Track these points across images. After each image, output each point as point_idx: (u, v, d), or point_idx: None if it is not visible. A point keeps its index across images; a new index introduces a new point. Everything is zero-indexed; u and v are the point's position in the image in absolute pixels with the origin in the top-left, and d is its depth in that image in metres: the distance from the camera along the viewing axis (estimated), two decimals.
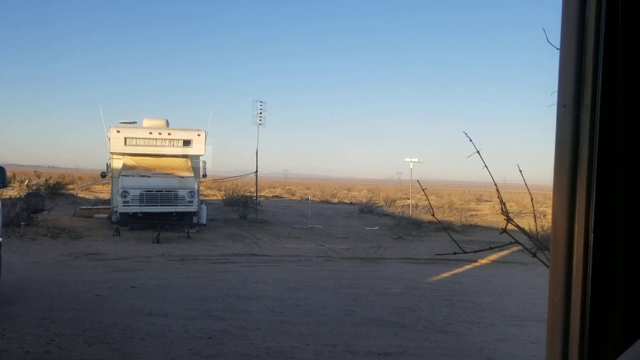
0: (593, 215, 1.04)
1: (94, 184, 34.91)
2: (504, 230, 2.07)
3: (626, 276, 1.01)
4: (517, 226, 2.10)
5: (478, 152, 2.26)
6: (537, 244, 2.00)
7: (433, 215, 2.99)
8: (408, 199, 29.15)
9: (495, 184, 2.34)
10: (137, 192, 18.46)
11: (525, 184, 2.31)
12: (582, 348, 1.05)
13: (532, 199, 2.45)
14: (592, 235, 1.04)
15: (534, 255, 2.04)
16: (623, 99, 1.02)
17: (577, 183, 1.06)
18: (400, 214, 26.00)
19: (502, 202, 2.22)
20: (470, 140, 2.30)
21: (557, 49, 1.13)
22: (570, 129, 1.08)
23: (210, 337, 7.07)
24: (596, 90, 1.04)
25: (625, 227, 1.01)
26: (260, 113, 27.15)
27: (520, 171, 2.31)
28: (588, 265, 1.04)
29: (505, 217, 2.10)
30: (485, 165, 2.28)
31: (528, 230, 2.08)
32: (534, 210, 2.49)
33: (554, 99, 1.12)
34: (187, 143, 20.12)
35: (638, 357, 0.88)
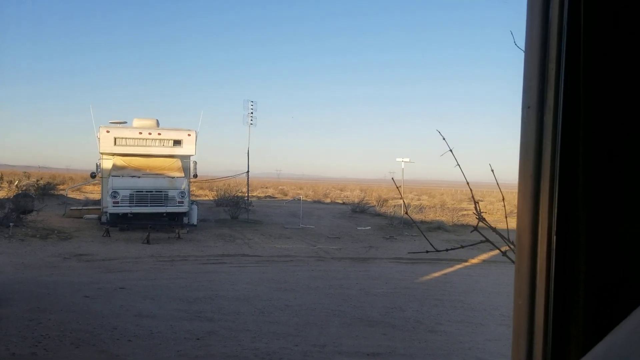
0: (556, 217, 1.04)
1: (85, 184, 34.71)
2: (475, 229, 2.09)
3: (588, 278, 1.01)
4: (489, 225, 2.10)
5: (451, 150, 2.28)
6: (508, 243, 2.02)
7: (407, 213, 3.00)
8: (400, 199, 29.21)
9: (468, 183, 2.36)
10: (127, 193, 18.38)
11: (497, 183, 2.33)
12: (546, 349, 1.05)
13: (503, 198, 2.47)
14: (555, 237, 1.03)
15: (504, 254, 2.06)
16: (585, 101, 1.02)
17: (541, 185, 1.06)
18: (392, 213, 26.03)
19: (475, 202, 2.23)
20: (444, 138, 2.31)
21: (523, 50, 1.13)
22: (534, 130, 1.08)
23: (198, 339, 7.04)
24: (559, 92, 1.04)
25: (587, 228, 1.01)
26: (252, 113, 27.14)
27: (492, 170, 2.33)
28: (551, 267, 1.04)
29: (477, 216, 2.11)
30: (458, 164, 2.29)
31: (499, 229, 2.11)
32: (505, 210, 2.50)
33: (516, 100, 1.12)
34: (177, 143, 20.04)
35: (601, 357, 0.88)
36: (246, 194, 27.19)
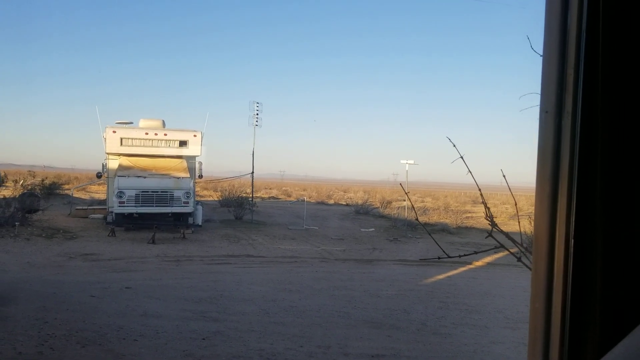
0: (573, 221, 1.04)
1: (90, 184, 34.83)
2: (490, 235, 2.09)
3: (605, 282, 1.02)
4: (501, 231, 2.11)
5: (462, 157, 2.29)
6: (521, 248, 2.02)
7: (417, 219, 3.00)
8: (404, 200, 29.21)
9: (479, 189, 2.37)
10: (132, 193, 18.43)
11: (509, 188, 2.34)
12: (562, 353, 1.06)
13: (515, 204, 2.47)
14: (573, 241, 1.04)
15: (519, 259, 2.06)
16: (603, 106, 1.03)
17: (559, 189, 1.07)
18: (396, 215, 26.01)
19: (486, 207, 2.23)
20: (454, 145, 2.32)
21: (541, 55, 1.14)
22: (552, 135, 1.09)
23: (203, 339, 7.06)
24: (577, 97, 1.05)
25: (605, 233, 1.02)
26: (257, 114, 27.14)
27: (504, 176, 2.33)
28: (568, 270, 1.05)
29: (490, 222, 2.11)
30: (469, 171, 2.30)
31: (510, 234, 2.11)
32: (517, 215, 2.50)
33: (524, 104, 1.14)
34: (183, 144, 20.10)
35: None
36: (250, 195, 27.21)
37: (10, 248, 14.56)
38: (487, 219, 2.16)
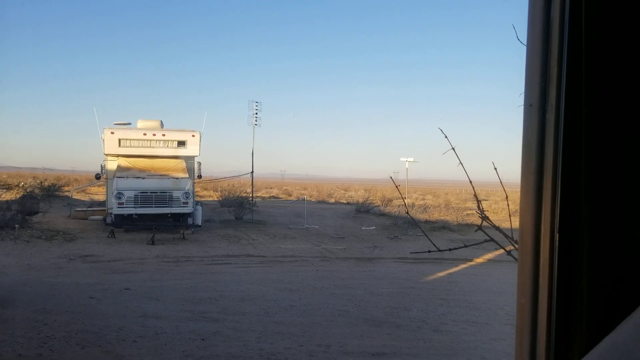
0: (558, 215, 1.03)
1: (90, 185, 34.81)
2: (479, 228, 2.09)
3: (591, 276, 1.01)
4: (493, 224, 2.11)
5: (453, 148, 2.28)
6: (512, 241, 2.01)
7: (407, 213, 3.01)
8: (405, 198, 29.19)
9: (471, 181, 2.36)
10: (131, 194, 18.41)
11: (500, 181, 2.33)
12: (549, 348, 1.05)
13: (507, 197, 2.47)
14: (558, 235, 1.03)
15: (509, 253, 2.05)
16: (587, 98, 1.02)
17: (543, 183, 1.06)
18: (397, 213, 25.99)
19: (477, 200, 2.23)
20: (446, 136, 2.31)
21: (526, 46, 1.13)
22: (536, 128, 1.08)
23: (203, 339, 7.06)
24: (560, 90, 1.04)
25: (590, 227, 1.01)
26: (256, 114, 27.15)
27: (495, 169, 2.33)
28: (554, 265, 1.04)
29: (481, 215, 2.11)
30: (460, 162, 2.29)
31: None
32: (508, 208, 2.49)
33: (521, 100, 1.12)
34: (181, 144, 20.06)
35: (603, 356, 0.87)
36: (250, 195, 27.19)
37: (10, 250, 14.56)
38: (478, 212, 2.15)
